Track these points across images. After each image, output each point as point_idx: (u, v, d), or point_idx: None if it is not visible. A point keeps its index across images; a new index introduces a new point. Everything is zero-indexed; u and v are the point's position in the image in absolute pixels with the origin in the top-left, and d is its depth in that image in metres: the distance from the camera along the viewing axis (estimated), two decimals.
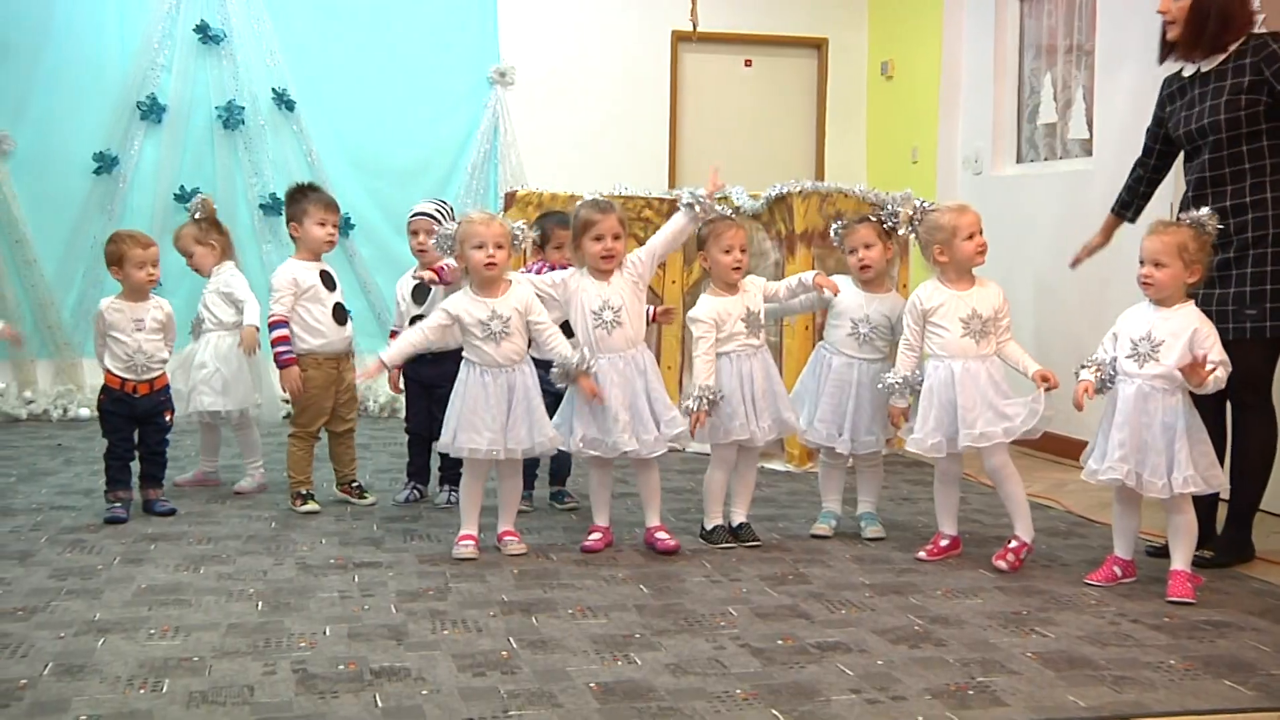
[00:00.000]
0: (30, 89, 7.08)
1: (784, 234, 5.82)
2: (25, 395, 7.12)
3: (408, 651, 3.05)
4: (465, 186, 7.68)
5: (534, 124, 7.78)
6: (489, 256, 3.94)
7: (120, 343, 4.50)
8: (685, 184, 7.67)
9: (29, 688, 2.76)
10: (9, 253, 7.11)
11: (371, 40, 7.53)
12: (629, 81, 7.95)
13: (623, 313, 4.05)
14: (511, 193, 6.43)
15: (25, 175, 7.12)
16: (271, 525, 4.45)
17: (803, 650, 3.12)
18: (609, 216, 4.04)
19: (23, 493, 4.96)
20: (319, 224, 4.71)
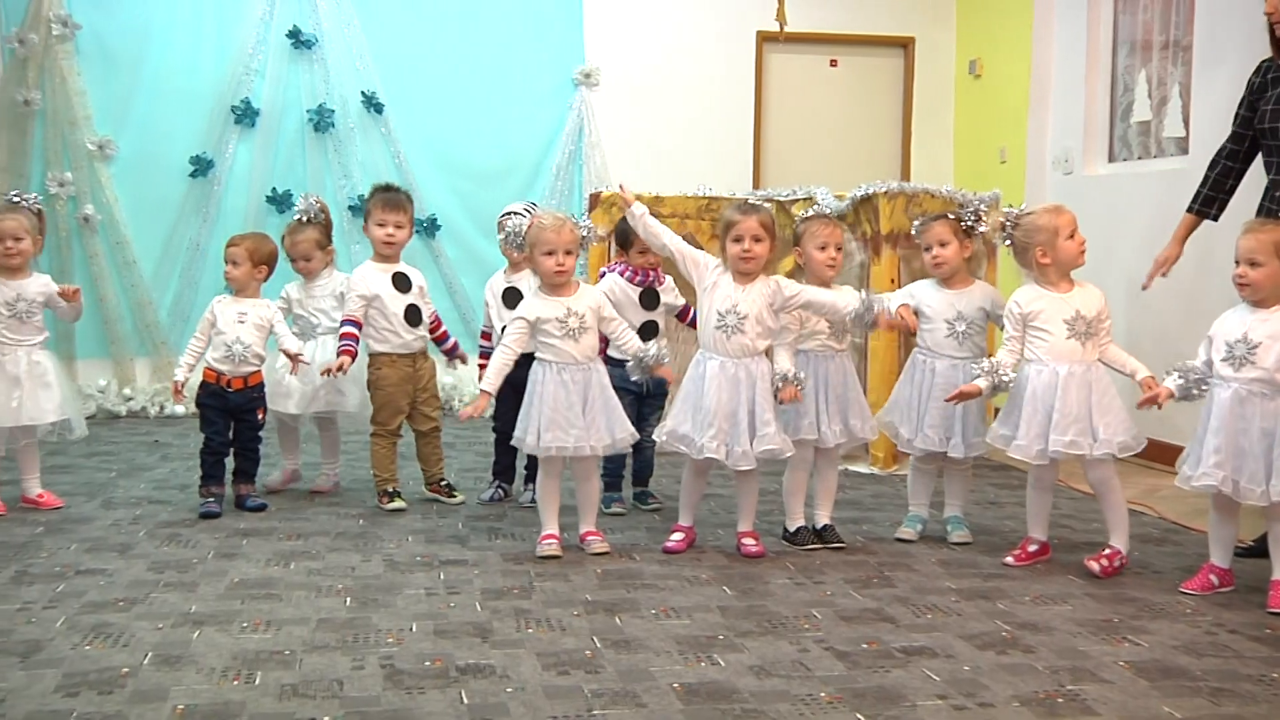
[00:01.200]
0: (132, 96, 7.27)
1: (869, 235, 5.77)
2: (124, 393, 7.31)
3: (493, 649, 3.08)
4: (550, 188, 7.73)
5: (618, 125, 7.81)
6: (559, 264, 3.97)
7: (221, 334, 4.62)
8: (769, 184, 7.68)
9: (130, 676, 2.84)
10: (110, 254, 7.31)
11: (458, 43, 7.61)
12: (713, 82, 7.93)
13: (747, 322, 4.00)
14: (596, 194, 6.46)
15: (126, 179, 7.32)
16: (359, 522, 4.52)
17: (888, 654, 3.09)
18: (749, 218, 3.99)
19: (122, 487, 5.09)
20: (378, 224, 4.78)
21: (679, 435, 4.04)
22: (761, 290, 4.01)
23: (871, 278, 5.75)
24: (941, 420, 4.25)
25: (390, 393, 4.74)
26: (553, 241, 3.97)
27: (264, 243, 4.78)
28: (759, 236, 3.99)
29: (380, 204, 4.79)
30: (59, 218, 7.20)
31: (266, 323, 4.69)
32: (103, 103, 7.25)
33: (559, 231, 3.98)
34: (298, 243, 4.93)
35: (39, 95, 7.12)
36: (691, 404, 4.03)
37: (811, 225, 4.20)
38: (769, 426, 3.98)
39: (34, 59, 7.10)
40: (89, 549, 4.05)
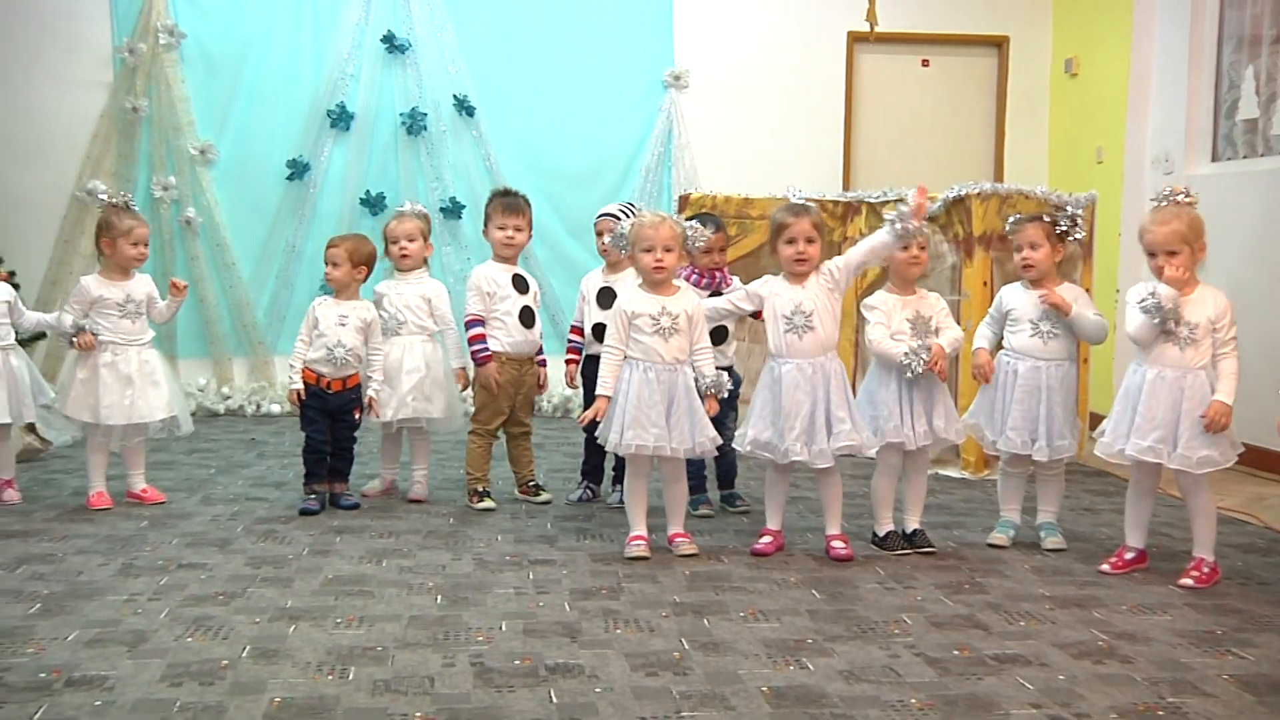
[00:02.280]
0: (232, 101, 7.46)
1: (961, 237, 5.69)
2: (223, 391, 7.49)
3: (581, 649, 3.10)
4: (639, 189, 7.75)
5: (708, 127, 7.80)
6: (657, 260, 3.99)
7: (322, 336, 4.70)
8: (859, 186, 7.61)
9: (229, 668, 2.91)
10: (211, 255, 7.49)
11: (548, 46, 7.66)
12: (803, 83, 7.89)
13: (814, 317, 4.02)
14: (685, 195, 6.46)
15: (226, 182, 7.51)
16: (450, 521, 4.57)
17: (980, 661, 3.04)
18: (802, 220, 4.03)
19: (221, 484, 5.21)
20: (499, 228, 4.84)
21: (762, 443, 4.05)
22: (817, 283, 4.07)
23: (964, 279, 5.67)
24: (1025, 423, 4.19)
25: (494, 393, 4.80)
26: (651, 238, 3.99)
27: (363, 244, 4.85)
28: (811, 237, 4.03)
29: (500, 208, 4.86)
30: (162, 220, 7.41)
31: (366, 325, 4.76)
32: (205, 109, 7.45)
33: (657, 228, 4.00)
34: (403, 222, 4.93)
35: (146, 103, 7.33)
36: (770, 410, 4.04)
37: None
38: (845, 423, 3.98)
39: (142, 68, 7.31)
40: (190, 543, 4.15)
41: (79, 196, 7.37)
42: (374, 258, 4.87)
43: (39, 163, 7.30)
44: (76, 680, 2.82)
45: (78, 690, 2.76)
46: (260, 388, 7.53)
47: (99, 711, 2.63)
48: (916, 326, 4.14)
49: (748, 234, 6.19)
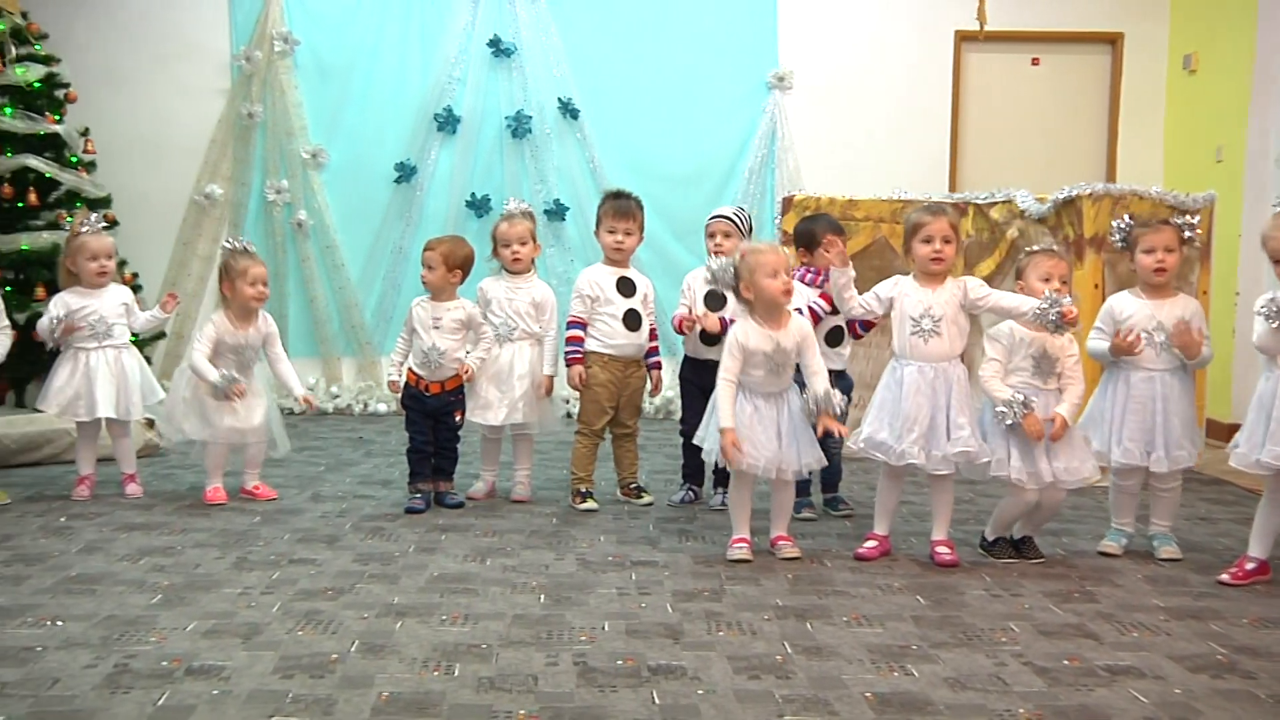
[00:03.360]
0: (343, 106, 7.62)
1: (1072, 239, 5.57)
2: (331, 390, 7.65)
3: (684, 651, 3.10)
4: (742, 191, 7.73)
5: (812, 127, 7.75)
6: (786, 285, 3.92)
7: (420, 338, 4.77)
8: (966, 187, 7.49)
9: (339, 662, 2.97)
10: (320, 257, 7.67)
11: (652, 49, 7.69)
12: (909, 83, 7.80)
13: (942, 324, 3.99)
14: (789, 197, 6.42)
15: (336, 185, 7.68)
16: (553, 521, 4.61)
17: (1090, 672, 2.98)
18: (940, 219, 4.00)
19: (330, 481, 5.32)
20: (609, 232, 4.87)
21: (876, 442, 4.00)
22: (952, 291, 4.01)
23: (1073, 282, 5.55)
24: (1141, 434, 4.08)
25: (597, 393, 4.83)
26: (774, 264, 3.90)
27: (459, 246, 4.86)
28: (948, 237, 4.00)
29: (611, 212, 4.88)
30: (275, 223, 7.62)
31: (462, 325, 4.81)
32: (317, 114, 7.63)
33: (777, 251, 3.95)
34: (515, 225, 4.90)
35: (261, 108, 7.54)
36: (889, 410, 4.00)
37: (1036, 257, 4.09)
38: (963, 430, 3.93)
39: (258, 74, 7.52)
40: (300, 539, 4.25)
41: (197, 200, 7.60)
42: (471, 261, 4.87)
43: (160, 167, 7.54)
44: (195, 670, 2.90)
45: (196, 679, 2.84)
46: (367, 387, 7.67)
47: (216, 701, 2.71)
48: (1040, 366, 4.00)
49: (852, 236, 6.13)
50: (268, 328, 4.93)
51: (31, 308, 6.23)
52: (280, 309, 7.55)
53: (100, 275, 4.93)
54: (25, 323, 6.13)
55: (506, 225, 4.92)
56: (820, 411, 3.93)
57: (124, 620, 3.28)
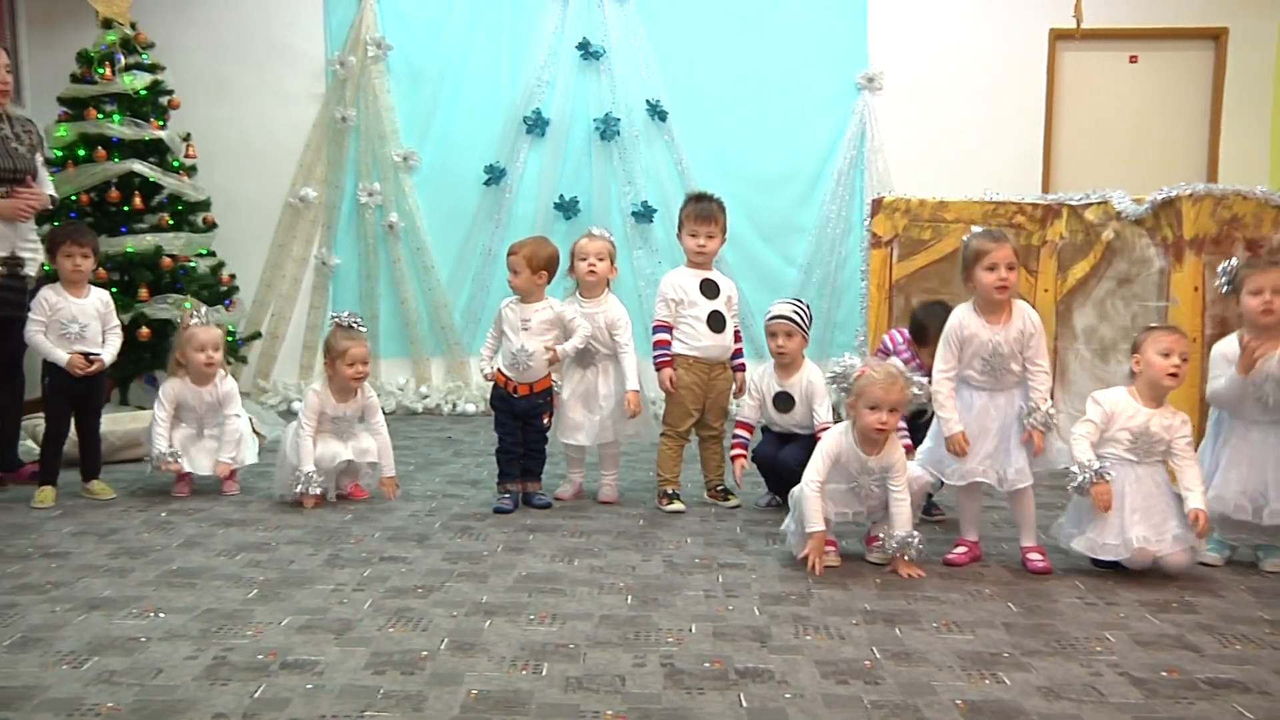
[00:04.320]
0: (434, 110, 7.72)
1: (1170, 240, 5.44)
2: (421, 390, 7.76)
3: (771, 654, 3.09)
4: (831, 193, 7.68)
5: (902, 129, 7.67)
6: (881, 422, 3.84)
7: (508, 339, 4.82)
8: (1059, 188, 7.35)
9: (429, 659, 3.01)
10: (411, 258, 7.78)
11: (741, 50, 7.67)
12: (1002, 83, 7.67)
13: (1011, 360, 3.93)
14: (878, 199, 6.36)
15: (427, 188, 7.78)
16: (639, 523, 4.62)
17: (1191, 685, 2.90)
18: (1003, 246, 3.91)
19: (419, 480, 5.39)
20: (690, 235, 4.88)
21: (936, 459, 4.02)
22: (1018, 326, 3.93)
23: (1172, 285, 5.43)
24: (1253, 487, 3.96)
25: (682, 396, 4.84)
26: (879, 398, 3.84)
27: (542, 247, 4.84)
28: (1012, 264, 3.91)
29: (693, 215, 4.88)
30: (367, 225, 7.74)
31: (551, 326, 4.82)
32: (408, 117, 7.74)
33: (888, 390, 3.85)
34: (594, 240, 4.92)
35: (354, 112, 7.67)
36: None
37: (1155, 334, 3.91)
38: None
39: (352, 79, 7.65)
40: (391, 537, 4.31)
41: (292, 203, 7.75)
42: (555, 260, 4.86)
43: (257, 171, 7.71)
44: (290, 664, 2.96)
45: (291, 673, 2.90)
46: (456, 387, 7.76)
47: (310, 694, 2.76)
48: (1138, 442, 3.87)
49: (942, 238, 6.07)
50: (367, 399, 5.00)
51: (135, 308, 6.42)
52: (371, 310, 7.68)
53: (208, 366, 5.04)
54: (129, 323, 6.33)
55: (586, 240, 4.94)
56: (896, 554, 3.89)
57: (222, 614, 3.36)
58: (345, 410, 4.92)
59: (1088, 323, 5.78)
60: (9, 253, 5.07)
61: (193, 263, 6.83)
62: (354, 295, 7.81)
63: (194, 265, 6.83)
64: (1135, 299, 5.57)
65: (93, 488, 4.98)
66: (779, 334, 4.76)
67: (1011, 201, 6.03)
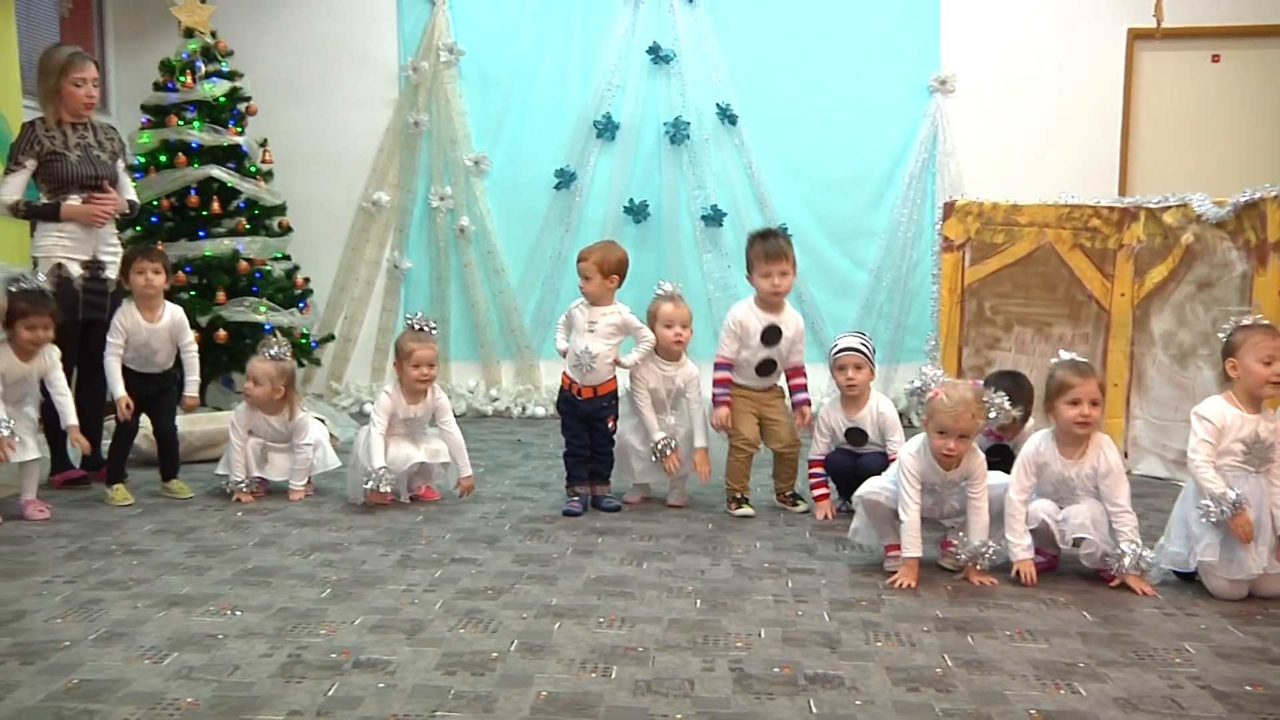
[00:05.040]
0: (504, 114, 7.78)
1: (1254, 244, 5.32)
2: (491, 393, 7.81)
3: (841, 660, 3.07)
4: (902, 196, 7.62)
5: (974, 131, 7.58)
6: (949, 449, 3.78)
7: (574, 340, 4.84)
8: (1136, 191, 7.24)
9: (499, 661, 3.03)
10: (482, 262, 7.84)
11: (812, 53, 7.63)
12: (1078, 84, 7.55)
13: (1079, 492, 3.83)
14: (950, 202, 6.31)
15: (498, 192, 7.84)
16: (708, 527, 4.61)
17: (1278, 700, 2.84)
18: (1088, 381, 3.78)
19: (490, 483, 5.43)
20: (763, 276, 4.77)
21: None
22: (1093, 463, 3.81)
23: (1255, 289, 5.31)
24: None
25: (740, 412, 4.84)
26: (947, 424, 3.78)
27: (611, 251, 4.85)
28: (1096, 399, 3.79)
29: (762, 254, 4.76)
30: (438, 229, 7.82)
31: (617, 330, 4.83)
32: (480, 122, 7.81)
33: (957, 418, 3.77)
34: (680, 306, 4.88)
35: (426, 117, 7.75)
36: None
37: (1253, 334, 3.73)
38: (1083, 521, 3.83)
39: (424, 84, 7.73)
40: (461, 539, 4.35)
41: (365, 207, 7.85)
42: (625, 264, 4.86)
43: (331, 175, 7.82)
44: (362, 662, 3.00)
45: (364, 672, 2.93)
46: (526, 390, 7.81)
47: (382, 693, 2.80)
48: (1252, 451, 3.73)
49: (1015, 241, 6.00)
50: (437, 401, 5.03)
51: (213, 311, 6.54)
52: (442, 313, 7.75)
53: (261, 400, 5.11)
54: (207, 325, 6.45)
55: (671, 307, 4.86)
56: (968, 562, 3.85)
57: (296, 613, 3.41)
58: (416, 412, 4.96)
59: (1166, 328, 5.67)
60: (90, 256, 5.22)
61: (268, 266, 6.94)
62: (425, 298, 7.89)
63: (269, 269, 6.94)
64: (1215, 304, 5.45)
65: (172, 486, 5.09)
66: (848, 366, 4.69)
67: (1087, 204, 5.95)
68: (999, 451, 4.37)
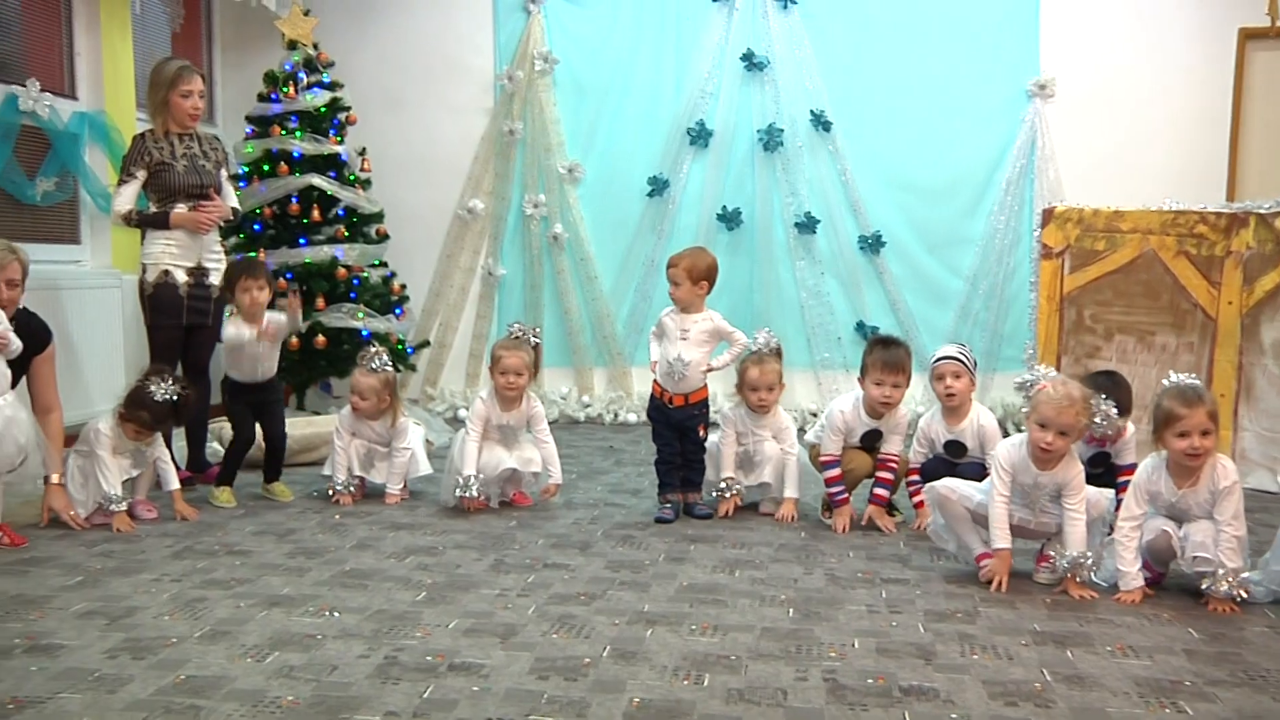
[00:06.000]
0: (598, 122, 7.83)
1: None
2: (583, 400, 7.85)
3: (936, 672, 3.03)
4: (999, 203, 7.50)
5: (1075, 136, 7.42)
6: (1047, 443, 3.73)
7: (665, 348, 4.84)
8: (1246, 196, 7.02)
9: (591, 666, 3.04)
10: (575, 269, 7.89)
11: (908, 59, 7.54)
12: (1184, 86, 7.36)
13: (1190, 514, 3.73)
14: (1049, 209, 6.19)
15: (591, 199, 7.88)
16: (801, 535, 4.59)
17: None
18: (1197, 411, 3.62)
19: (582, 489, 5.46)
20: (876, 384, 4.63)
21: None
22: (1207, 489, 3.68)
23: None
24: None
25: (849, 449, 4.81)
26: (1048, 418, 3.73)
27: (701, 257, 4.84)
28: (1207, 429, 3.64)
29: (880, 363, 4.63)
30: (532, 236, 7.88)
31: (710, 336, 4.82)
32: (573, 130, 7.86)
33: (1060, 411, 3.72)
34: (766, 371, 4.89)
35: (521, 125, 7.82)
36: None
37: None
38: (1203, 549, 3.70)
39: (519, 93, 7.81)
40: (554, 544, 4.38)
41: (460, 214, 7.95)
42: (714, 270, 4.85)
43: (428, 183, 7.93)
44: (457, 665, 3.03)
45: (458, 675, 2.97)
46: (618, 397, 7.83)
47: (476, 697, 2.82)
48: None
49: (1117, 248, 5.87)
50: (532, 409, 5.07)
51: (312, 317, 6.66)
52: (535, 320, 7.80)
53: (363, 408, 5.19)
54: (306, 331, 6.58)
55: (758, 372, 4.87)
56: (1067, 575, 3.77)
57: (392, 615, 3.46)
58: (509, 419, 5.01)
59: (1276, 337, 5.51)
60: (195, 263, 5.36)
61: (366, 273, 7.06)
62: (519, 305, 7.96)
63: (367, 275, 7.05)
64: None
65: (274, 489, 5.20)
66: (946, 375, 4.61)
67: (1193, 210, 5.80)
68: (1100, 461, 4.29)
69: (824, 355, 7.63)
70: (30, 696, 2.79)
